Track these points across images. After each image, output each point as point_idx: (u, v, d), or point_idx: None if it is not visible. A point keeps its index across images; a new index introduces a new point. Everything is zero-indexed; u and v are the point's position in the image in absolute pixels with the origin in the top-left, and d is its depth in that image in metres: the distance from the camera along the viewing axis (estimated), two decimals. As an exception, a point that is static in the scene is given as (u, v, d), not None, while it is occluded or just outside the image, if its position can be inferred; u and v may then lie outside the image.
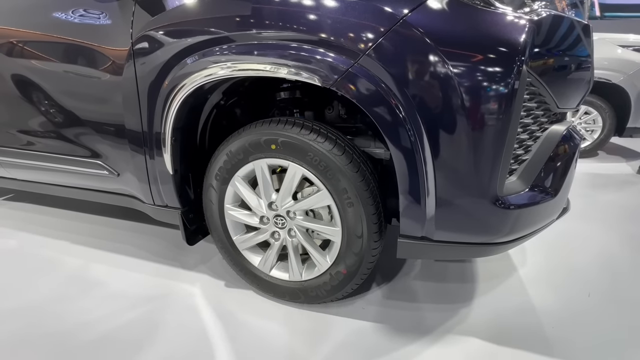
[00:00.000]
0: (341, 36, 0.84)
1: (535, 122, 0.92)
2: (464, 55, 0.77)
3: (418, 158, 0.85)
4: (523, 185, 0.93)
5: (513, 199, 0.89)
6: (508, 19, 0.80)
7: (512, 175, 0.93)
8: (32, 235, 1.77)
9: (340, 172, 0.97)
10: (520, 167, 0.94)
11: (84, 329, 1.14)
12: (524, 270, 1.41)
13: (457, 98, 0.78)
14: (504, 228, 0.91)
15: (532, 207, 0.92)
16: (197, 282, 1.37)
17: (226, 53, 0.96)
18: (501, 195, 0.87)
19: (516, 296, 1.26)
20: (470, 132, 0.80)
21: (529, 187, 0.93)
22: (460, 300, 1.24)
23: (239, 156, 1.09)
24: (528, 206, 0.91)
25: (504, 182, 0.87)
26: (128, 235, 1.75)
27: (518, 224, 0.92)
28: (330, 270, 1.11)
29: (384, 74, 0.82)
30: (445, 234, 0.94)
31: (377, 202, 1.01)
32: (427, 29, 0.78)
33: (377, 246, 1.05)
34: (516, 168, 0.93)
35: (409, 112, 0.83)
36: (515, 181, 0.93)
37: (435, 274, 1.39)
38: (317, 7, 0.86)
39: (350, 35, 0.83)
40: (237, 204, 1.19)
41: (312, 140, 0.98)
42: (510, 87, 0.77)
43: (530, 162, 0.94)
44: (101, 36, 1.14)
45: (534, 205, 0.92)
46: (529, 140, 0.93)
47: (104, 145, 1.29)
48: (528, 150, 0.94)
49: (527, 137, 0.92)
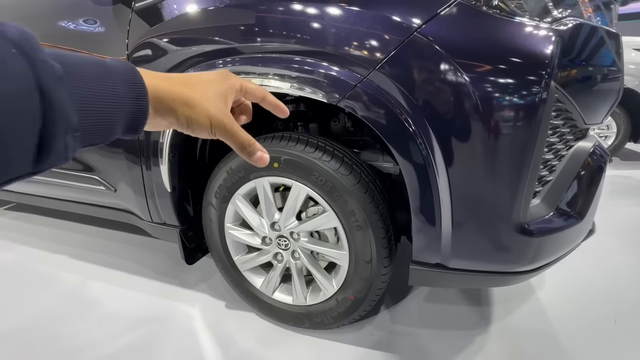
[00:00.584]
0: (349, 49, 0.77)
1: (561, 140, 0.84)
2: (485, 69, 0.70)
3: (434, 185, 0.78)
4: (547, 209, 0.85)
5: (537, 224, 0.82)
6: (533, 30, 0.73)
7: (535, 197, 0.85)
8: (30, 249, 1.73)
9: (347, 193, 0.91)
10: (544, 189, 0.86)
11: (78, 354, 1.08)
12: (542, 292, 1.33)
13: (477, 116, 0.71)
14: (527, 256, 0.83)
15: (557, 234, 0.84)
16: (197, 302, 1.31)
17: (229, 66, 0.90)
18: (525, 221, 0.80)
19: (536, 322, 1.17)
20: (493, 153, 0.73)
21: (554, 210, 0.86)
22: (476, 326, 1.16)
23: (239, 174, 1.02)
24: (553, 232, 0.83)
25: (528, 206, 0.79)
26: (127, 249, 1.70)
27: (541, 251, 0.85)
28: (336, 296, 1.04)
29: (396, 91, 0.75)
30: (462, 262, 0.86)
31: (388, 224, 0.94)
32: (443, 41, 0.71)
33: (387, 271, 0.98)
34: (540, 190, 0.86)
35: (424, 133, 0.75)
36: (539, 204, 0.85)
37: (447, 295, 1.31)
38: (324, 18, 0.80)
39: (359, 48, 0.77)
40: (238, 223, 1.13)
41: (317, 159, 0.92)
42: (537, 103, 0.70)
43: (554, 184, 0.87)
44: (96, 45, 1.09)
45: (559, 231, 0.84)
46: (554, 159, 0.85)
47: (99, 158, 1.24)
48: (552, 170, 0.87)
49: (552, 156, 0.84)
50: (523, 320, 1.18)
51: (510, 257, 0.83)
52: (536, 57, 0.70)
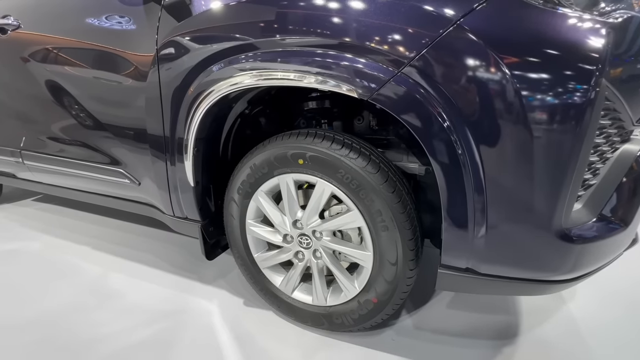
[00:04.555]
0: (383, 42, 0.75)
1: (607, 141, 0.79)
2: (530, 64, 0.66)
3: (468, 186, 0.74)
4: (590, 214, 0.80)
5: (579, 230, 0.77)
6: (582, 22, 0.68)
7: (577, 202, 0.80)
8: (55, 239, 1.78)
9: (374, 192, 0.88)
10: (587, 193, 0.81)
11: (97, 345, 1.09)
12: (573, 303, 1.26)
13: (520, 114, 0.67)
14: (566, 264, 0.78)
15: (600, 242, 0.79)
16: (215, 298, 1.30)
17: (251, 60, 0.88)
18: (566, 226, 0.75)
19: (568, 338, 1.10)
20: (536, 153, 0.68)
21: (596, 216, 0.80)
22: (502, 336, 1.11)
23: (263, 170, 1.01)
24: (595, 240, 0.78)
25: (571, 211, 0.75)
26: (148, 243, 1.72)
27: (582, 259, 0.79)
28: (358, 298, 1.01)
29: (432, 86, 0.72)
30: (495, 268, 0.82)
31: (415, 226, 0.90)
32: (485, 34, 0.68)
33: (413, 275, 0.94)
34: (582, 194, 0.80)
35: (460, 131, 0.72)
36: (581, 209, 0.80)
37: (472, 302, 1.26)
38: (357, 9, 0.78)
39: (394, 41, 0.74)
40: (260, 219, 1.11)
41: (344, 156, 0.89)
42: (587, 102, 0.65)
43: (598, 188, 0.81)
44: (127, 41, 1.10)
45: (601, 239, 0.79)
46: (598, 162, 0.80)
47: (125, 152, 1.26)
48: (596, 173, 0.81)
49: (597, 158, 0.79)
50: (553, 332, 1.12)
51: (549, 265, 0.78)
52: (587, 51, 0.65)
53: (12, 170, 1.72)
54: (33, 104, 1.44)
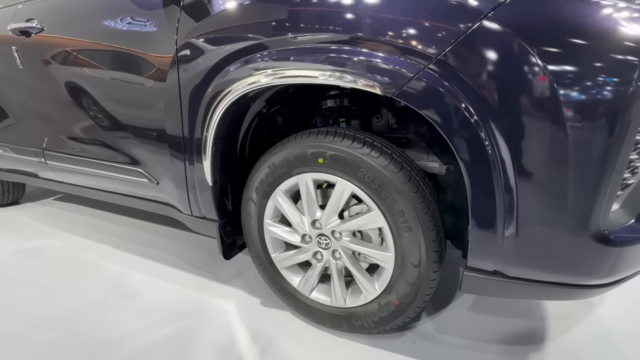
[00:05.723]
0: (408, 37, 0.72)
1: (647, 138, 0.74)
2: (566, 57, 0.63)
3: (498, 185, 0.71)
4: (628, 215, 0.76)
5: (617, 232, 0.72)
6: (620, 12, 0.64)
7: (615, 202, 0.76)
8: (76, 237, 1.81)
9: (397, 192, 0.86)
10: (625, 193, 0.77)
11: (116, 343, 1.10)
12: (602, 309, 1.20)
13: (556, 110, 0.64)
14: (603, 268, 0.74)
15: (638, 244, 0.75)
16: (232, 297, 1.30)
17: (266, 59, 0.87)
18: (604, 228, 0.71)
19: (597, 344, 1.05)
20: (573, 151, 0.65)
21: (635, 217, 0.76)
22: (528, 342, 1.06)
23: (282, 169, 1.00)
24: (634, 242, 0.74)
25: (609, 212, 0.71)
26: (166, 242, 1.74)
27: (620, 263, 0.75)
28: (379, 300, 0.99)
29: (461, 81, 0.69)
30: (525, 271, 0.78)
31: (439, 227, 0.88)
32: (516, 26, 0.65)
33: (436, 277, 0.91)
34: (620, 194, 0.76)
35: (490, 128, 0.69)
36: (619, 210, 0.76)
37: (495, 305, 1.22)
38: (380, 2, 0.75)
39: (420, 35, 0.71)
40: (278, 219, 1.10)
41: (365, 155, 0.87)
42: (628, 96, 0.61)
43: (637, 187, 0.77)
44: (147, 43, 1.11)
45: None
46: (637, 160, 0.75)
47: (144, 152, 1.27)
48: (635, 172, 0.77)
49: (637, 156, 0.74)
50: (582, 338, 1.07)
51: (584, 268, 0.74)
52: (628, 42, 0.61)
53: (35, 170, 1.76)
54: (56, 105, 1.47)
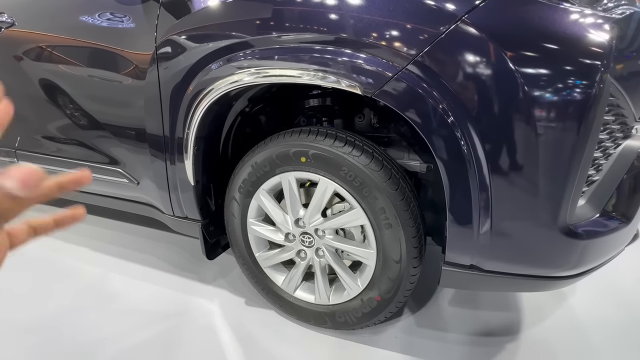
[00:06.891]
0: (387, 38, 0.74)
1: (610, 137, 0.79)
2: (535, 59, 0.66)
3: (473, 182, 0.74)
4: (593, 210, 0.80)
5: (583, 226, 0.77)
6: (586, 17, 0.68)
7: (581, 198, 0.80)
8: (53, 240, 1.75)
9: (377, 190, 0.87)
10: (590, 189, 0.81)
11: (98, 347, 1.08)
12: (574, 299, 1.26)
13: (526, 111, 0.67)
14: (570, 260, 0.78)
15: (603, 237, 0.79)
16: (215, 298, 1.29)
17: (250, 58, 0.87)
18: (570, 223, 0.75)
19: (570, 333, 1.11)
20: (542, 149, 0.68)
21: (600, 212, 0.80)
22: (505, 332, 1.11)
23: (264, 168, 1.00)
24: (599, 236, 0.78)
25: (575, 207, 0.75)
26: (147, 243, 1.70)
27: (586, 255, 0.79)
28: (361, 296, 1.01)
29: (438, 82, 0.71)
30: (499, 264, 0.82)
31: (419, 223, 0.90)
32: (489, 30, 0.67)
33: (417, 272, 0.94)
34: (585, 190, 0.81)
35: (465, 127, 0.72)
36: (585, 205, 0.80)
37: (474, 299, 1.26)
38: (360, 4, 0.77)
39: (398, 37, 0.73)
40: (261, 218, 1.11)
41: (347, 154, 0.89)
42: (592, 97, 0.65)
43: (601, 184, 0.81)
44: (124, 40, 1.09)
45: (605, 234, 0.79)
46: (601, 158, 0.80)
47: (123, 151, 1.24)
48: (599, 169, 0.81)
49: (600, 154, 0.79)
50: (556, 328, 1.12)
51: (554, 261, 0.78)
52: (592, 47, 0.65)
53: (8, 170, 1.69)
54: (29, 103, 1.42)
